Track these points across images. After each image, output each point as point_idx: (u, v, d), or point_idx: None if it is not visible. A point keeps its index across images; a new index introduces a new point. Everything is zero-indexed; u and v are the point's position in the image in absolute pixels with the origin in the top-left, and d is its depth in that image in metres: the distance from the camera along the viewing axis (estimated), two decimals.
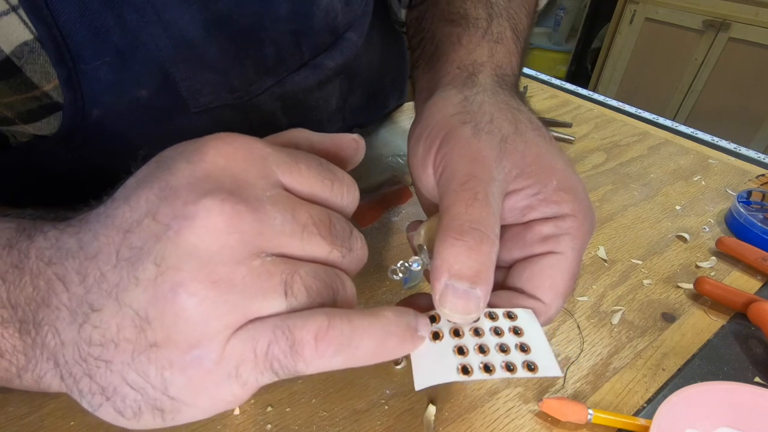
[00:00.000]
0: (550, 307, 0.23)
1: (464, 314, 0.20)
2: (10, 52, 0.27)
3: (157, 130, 0.37)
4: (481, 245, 0.20)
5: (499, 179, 0.22)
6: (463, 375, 0.19)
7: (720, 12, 1.80)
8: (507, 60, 0.31)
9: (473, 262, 0.20)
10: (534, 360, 0.20)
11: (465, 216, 0.20)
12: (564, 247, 0.22)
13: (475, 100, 0.26)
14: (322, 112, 0.47)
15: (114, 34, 0.30)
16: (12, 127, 0.33)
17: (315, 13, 0.37)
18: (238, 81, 0.36)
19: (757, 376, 0.33)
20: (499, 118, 0.24)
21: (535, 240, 0.23)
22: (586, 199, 0.23)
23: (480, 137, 0.23)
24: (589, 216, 0.23)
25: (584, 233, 0.23)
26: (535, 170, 0.23)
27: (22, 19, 0.27)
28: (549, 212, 0.23)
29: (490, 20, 0.32)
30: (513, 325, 0.21)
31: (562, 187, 0.23)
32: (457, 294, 0.20)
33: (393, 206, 0.48)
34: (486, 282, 0.20)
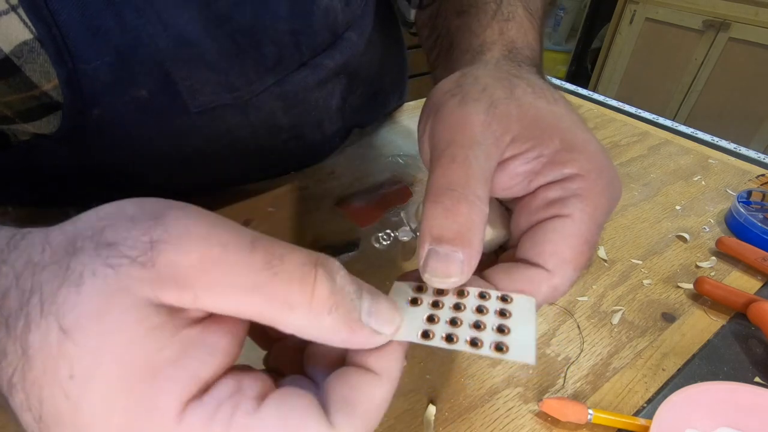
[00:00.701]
0: (554, 274, 0.20)
1: (444, 278, 0.19)
2: (10, 51, 0.27)
3: (157, 130, 0.37)
4: (458, 205, 0.19)
5: (486, 143, 0.21)
6: (423, 339, 0.18)
7: (720, 12, 1.80)
8: (521, 35, 0.29)
9: (451, 223, 0.19)
10: (508, 342, 0.18)
11: (442, 178, 0.20)
12: (571, 209, 0.20)
13: (471, 74, 0.24)
14: (322, 112, 0.47)
15: (114, 34, 0.30)
16: (12, 125, 0.33)
17: (314, 13, 0.37)
18: (238, 80, 0.36)
19: (757, 376, 0.33)
20: (492, 86, 0.23)
21: (541, 206, 0.21)
22: (600, 157, 0.21)
23: (466, 105, 0.22)
24: (605, 175, 0.21)
25: (597, 194, 0.20)
26: (533, 132, 0.21)
27: (22, 19, 0.27)
28: (555, 175, 0.21)
29: (500, 2, 0.31)
30: (503, 307, 0.19)
31: (566, 146, 0.21)
32: (438, 258, 0.19)
33: (393, 206, 0.48)
34: (468, 244, 0.19)
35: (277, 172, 0.52)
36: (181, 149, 0.41)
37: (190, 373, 0.14)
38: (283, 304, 0.15)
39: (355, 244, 0.41)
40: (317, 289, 0.15)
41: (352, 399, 0.16)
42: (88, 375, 0.13)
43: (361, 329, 0.16)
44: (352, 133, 0.61)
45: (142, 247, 0.14)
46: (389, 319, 0.17)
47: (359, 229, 0.45)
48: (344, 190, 0.51)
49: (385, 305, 0.17)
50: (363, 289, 0.17)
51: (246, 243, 0.15)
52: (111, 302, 0.13)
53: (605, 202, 0.21)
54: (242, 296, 0.14)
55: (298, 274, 0.15)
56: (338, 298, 0.15)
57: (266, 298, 0.14)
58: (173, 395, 0.14)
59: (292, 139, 0.48)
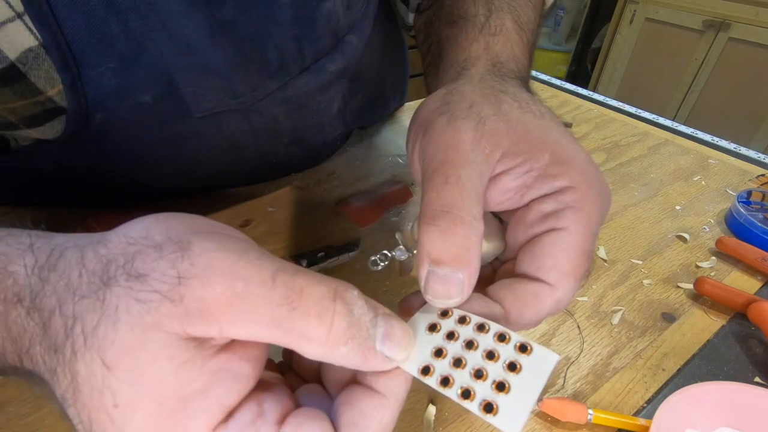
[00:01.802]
0: (556, 288, 0.20)
1: (445, 299, 0.19)
2: (15, 58, 0.28)
3: (160, 135, 0.37)
4: (454, 227, 0.19)
5: (477, 161, 0.21)
6: (422, 375, 0.18)
7: (720, 12, 1.80)
8: (506, 49, 0.30)
9: (449, 245, 0.19)
10: (500, 403, 0.17)
11: (437, 200, 0.20)
12: (567, 222, 0.21)
13: (457, 91, 0.24)
14: (323, 116, 0.47)
15: (118, 41, 0.30)
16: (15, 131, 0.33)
17: (318, 18, 0.37)
18: (242, 86, 0.36)
19: (757, 376, 0.33)
20: (479, 103, 0.23)
21: (536, 219, 0.22)
22: (590, 168, 0.22)
23: (455, 123, 0.22)
24: (596, 186, 0.21)
25: (590, 205, 0.21)
26: (523, 148, 0.21)
27: (27, 26, 0.27)
28: (546, 188, 0.21)
29: (489, 15, 0.32)
30: (517, 358, 0.18)
31: (557, 159, 0.21)
32: (438, 279, 0.19)
33: (393, 206, 0.48)
34: (468, 264, 0.19)
35: (278, 174, 0.52)
36: (183, 153, 0.41)
37: (217, 401, 0.15)
38: (301, 337, 0.15)
39: (355, 244, 0.41)
40: (335, 323, 0.16)
41: (361, 424, 0.17)
42: (129, 405, 0.15)
43: (374, 357, 0.17)
44: (353, 134, 0.61)
45: (171, 282, 0.15)
46: (402, 346, 0.18)
47: (359, 229, 0.45)
48: (344, 190, 0.51)
49: (399, 332, 0.18)
50: (378, 315, 0.17)
51: (267, 277, 0.15)
52: (145, 339, 0.15)
53: (598, 212, 0.21)
54: (263, 329, 0.15)
55: (316, 309, 0.16)
56: (354, 330, 0.16)
57: (285, 332, 0.15)
58: (203, 423, 0.15)
59: (293, 143, 0.48)
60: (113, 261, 0.16)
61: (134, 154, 0.39)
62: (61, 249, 0.17)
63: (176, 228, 0.17)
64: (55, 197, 0.45)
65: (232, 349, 0.16)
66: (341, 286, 0.17)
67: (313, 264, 0.38)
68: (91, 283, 0.15)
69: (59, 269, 0.16)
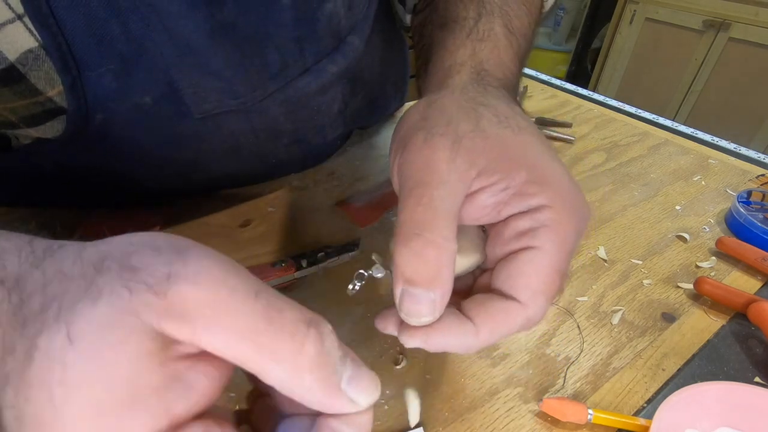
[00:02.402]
0: (527, 306, 0.21)
1: (418, 317, 0.20)
2: (15, 59, 0.28)
3: (160, 135, 0.37)
4: (425, 249, 0.20)
5: (451, 180, 0.21)
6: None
7: (720, 12, 1.80)
8: (493, 56, 0.29)
9: (422, 267, 0.20)
10: None
11: (410, 222, 0.20)
12: (541, 241, 0.21)
13: (437, 104, 0.25)
14: (324, 117, 0.47)
15: (119, 42, 0.30)
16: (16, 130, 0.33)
17: (319, 19, 0.37)
18: (242, 87, 0.36)
19: (757, 376, 0.33)
20: (458, 117, 0.23)
21: (512, 236, 0.22)
22: (567, 187, 0.22)
23: (432, 141, 0.22)
24: (572, 205, 0.22)
25: (565, 224, 0.21)
26: (499, 166, 0.22)
27: (27, 28, 0.27)
28: (522, 206, 0.22)
29: (479, 19, 0.31)
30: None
31: (534, 178, 0.21)
32: (412, 299, 0.20)
33: (393, 206, 0.48)
34: (439, 285, 0.20)
35: (278, 174, 0.52)
36: (183, 154, 0.41)
37: (165, 406, 0.15)
38: (271, 355, 0.15)
39: (355, 244, 0.41)
40: (305, 346, 0.16)
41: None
42: (75, 384, 0.14)
43: (338, 395, 0.16)
44: (353, 134, 0.61)
45: (160, 277, 0.15)
46: (368, 391, 0.17)
47: (359, 229, 0.45)
48: (344, 190, 0.51)
49: (367, 377, 0.17)
50: (348, 356, 0.17)
51: (251, 291, 0.16)
52: (118, 319, 0.14)
53: (573, 231, 0.21)
54: (236, 340, 0.15)
55: (291, 329, 0.16)
56: (323, 359, 0.16)
57: (257, 347, 0.15)
58: (144, 424, 0.14)
59: (293, 143, 0.48)
60: (110, 254, 0.16)
61: (134, 154, 0.39)
62: (62, 243, 0.17)
63: (179, 240, 0.17)
64: (55, 197, 0.45)
65: (196, 362, 0.16)
66: (317, 317, 0.17)
67: (313, 264, 0.38)
68: (83, 269, 0.15)
69: (55, 257, 0.16)
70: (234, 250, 0.41)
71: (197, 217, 0.45)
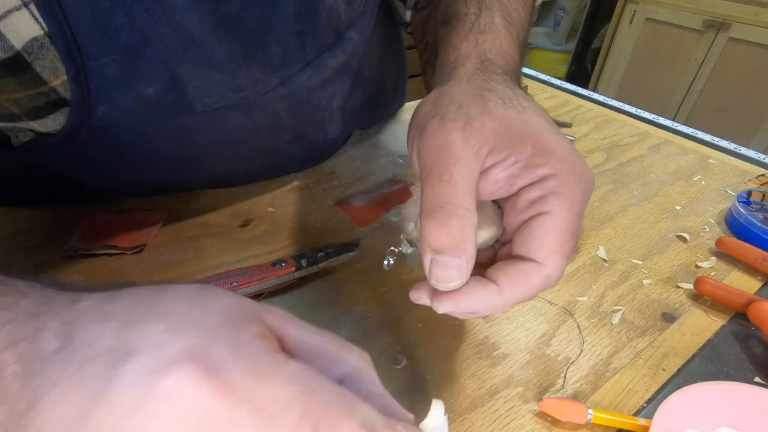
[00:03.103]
0: (544, 265, 0.23)
1: (447, 282, 0.22)
2: (21, 47, 0.28)
3: (161, 128, 0.37)
4: (449, 220, 0.22)
5: (467, 158, 0.23)
6: None
7: (720, 12, 1.80)
8: (495, 45, 0.31)
9: (446, 236, 0.22)
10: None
11: (433, 197, 0.22)
12: (551, 206, 0.23)
13: (447, 93, 0.27)
14: (324, 113, 0.47)
15: (123, 33, 0.30)
16: (17, 123, 0.33)
17: (320, 13, 0.37)
18: (244, 81, 0.37)
19: (757, 376, 0.33)
20: (467, 103, 0.25)
21: (525, 206, 0.24)
22: (569, 156, 0.24)
23: (445, 125, 0.24)
24: (576, 170, 0.24)
25: (571, 189, 0.23)
26: (507, 142, 0.24)
27: (33, 15, 0.27)
28: (531, 177, 0.24)
29: (479, 14, 0.33)
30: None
31: (539, 150, 0.23)
32: (440, 266, 0.22)
33: (393, 206, 0.48)
34: (464, 251, 0.22)
35: (278, 172, 0.52)
36: (184, 148, 0.41)
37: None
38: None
39: (355, 244, 0.41)
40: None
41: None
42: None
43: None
44: (353, 134, 0.61)
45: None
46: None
47: (359, 229, 0.45)
48: (344, 190, 0.51)
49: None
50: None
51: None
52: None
53: (580, 194, 0.23)
54: None
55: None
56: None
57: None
58: None
59: (294, 140, 0.48)
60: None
61: (135, 149, 0.39)
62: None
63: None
64: (54, 195, 0.45)
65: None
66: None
67: (313, 264, 0.38)
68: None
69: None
70: (234, 250, 0.41)
71: (197, 217, 0.45)
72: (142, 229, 0.43)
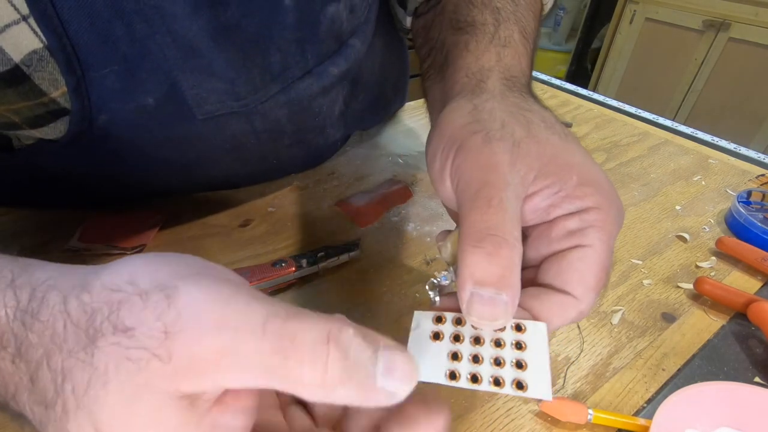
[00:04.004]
0: (581, 301, 0.22)
1: (492, 320, 0.20)
2: (20, 60, 0.28)
3: (162, 136, 0.37)
4: (500, 250, 0.20)
5: (514, 183, 0.22)
6: (450, 380, 0.19)
7: (720, 12, 1.80)
8: (516, 62, 0.30)
9: (495, 267, 0.20)
10: (526, 379, 0.19)
11: (481, 223, 0.20)
12: (591, 240, 0.22)
13: (485, 107, 0.25)
14: (325, 118, 0.47)
15: (122, 43, 0.30)
16: (18, 131, 0.33)
17: (321, 22, 0.37)
18: (244, 89, 0.37)
19: (757, 376, 0.33)
20: (510, 122, 0.24)
21: (561, 235, 0.23)
22: (610, 190, 0.23)
23: (491, 144, 0.23)
24: (615, 206, 0.23)
25: (611, 224, 0.22)
26: (552, 169, 0.23)
27: (32, 29, 0.27)
28: (572, 208, 0.23)
29: (498, 25, 0.32)
30: (518, 338, 0.20)
31: (583, 181, 0.23)
32: (483, 301, 0.20)
33: (393, 206, 0.48)
34: (511, 286, 0.20)
35: (278, 175, 0.52)
36: (184, 154, 0.41)
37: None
38: (296, 382, 0.15)
39: (355, 244, 0.41)
40: (329, 368, 0.15)
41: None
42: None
43: (376, 394, 0.16)
44: (353, 134, 0.61)
45: (159, 337, 0.15)
46: (405, 379, 0.17)
47: (359, 229, 0.45)
48: (344, 190, 0.51)
49: (401, 364, 0.17)
50: (379, 348, 0.17)
51: (257, 326, 0.15)
52: (136, 401, 0.14)
53: (616, 231, 0.23)
54: (256, 378, 0.15)
55: (309, 356, 0.15)
56: (351, 372, 0.16)
57: (279, 379, 0.15)
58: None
59: (294, 144, 0.48)
60: (98, 312, 0.15)
61: (136, 155, 0.39)
62: (43, 291, 0.16)
63: (163, 271, 0.16)
64: (55, 197, 0.45)
65: (225, 402, 0.16)
66: (335, 326, 0.16)
67: (313, 264, 0.38)
68: (78, 338, 0.15)
69: (42, 317, 0.16)
70: (234, 250, 0.42)
71: (197, 217, 0.45)
72: (142, 229, 0.43)
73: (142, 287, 0.16)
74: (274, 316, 0.16)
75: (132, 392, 0.14)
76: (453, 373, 0.20)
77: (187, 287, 0.16)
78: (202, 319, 0.15)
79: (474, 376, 0.19)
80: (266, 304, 0.16)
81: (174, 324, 0.15)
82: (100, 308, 0.15)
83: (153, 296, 0.15)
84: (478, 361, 0.20)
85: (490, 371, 0.20)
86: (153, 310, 0.15)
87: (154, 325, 0.15)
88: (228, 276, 0.18)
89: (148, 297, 0.15)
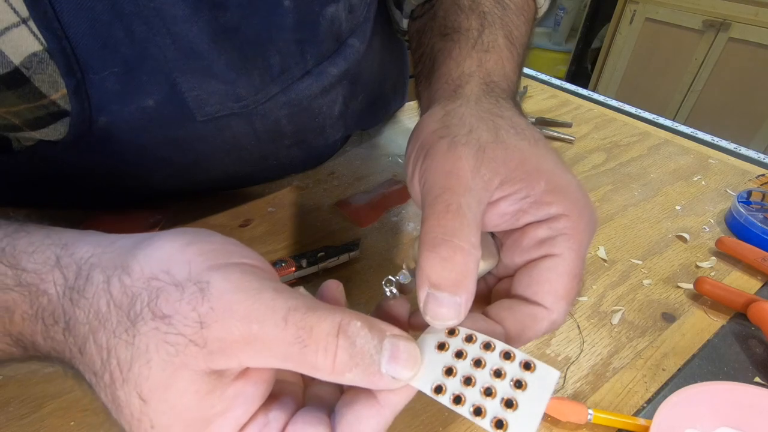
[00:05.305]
0: (552, 311, 0.22)
1: (443, 320, 0.21)
2: (20, 63, 0.28)
3: (162, 138, 0.37)
4: (454, 256, 0.20)
5: (477, 188, 0.22)
6: (435, 393, 0.19)
7: (720, 12, 1.80)
8: (498, 67, 0.30)
9: (449, 272, 0.20)
10: (510, 421, 0.18)
11: (438, 228, 0.21)
12: (561, 249, 0.22)
13: (456, 113, 0.25)
14: (325, 118, 0.47)
15: (122, 46, 0.30)
16: (19, 133, 0.33)
17: (320, 23, 0.37)
18: (244, 90, 0.36)
19: (757, 376, 0.33)
20: (478, 128, 0.24)
21: (531, 245, 0.23)
22: (580, 197, 0.23)
23: (456, 149, 0.23)
24: (586, 214, 0.23)
25: (581, 232, 0.22)
26: (520, 175, 0.22)
27: (32, 31, 0.27)
28: (541, 215, 0.22)
29: (482, 30, 0.32)
30: (522, 376, 0.19)
31: (552, 187, 0.22)
32: (437, 302, 0.20)
33: (393, 206, 0.48)
34: (465, 290, 0.20)
35: (278, 175, 0.52)
36: (185, 155, 0.41)
37: (234, 420, 0.18)
38: (310, 367, 0.18)
39: (355, 244, 0.41)
40: (338, 356, 0.18)
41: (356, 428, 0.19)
42: (164, 427, 0.18)
43: (380, 379, 0.18)
44: (353, 134, 0.61)
45: (194, 326, 0.17)
46: (408, 366, 0.19)
47: (359, 229, 0.45)
48: (344, 190, 0.51)
49: (405, 353, 0.19)
50: (385, 338, 0.19)
51: (280, 319, 0.17)
52: (175, 377, 0.17)
53: (587, 238, 0.23)
54: (276, 362, 0.18)
55: (323, 345, 0.18)
56: (357, 359, 0.18)
57: (296, 364, 0.18)
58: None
59: (294, 145, 0.48)
60: (138, 297, 0.18)
61: (136, 156, 0.39)
62: (87, 269, 0.19)
63: (196, 262, 0.18)
64: (56, 198, 0.45)
65: (247, 375, 0.19)
66: (345, 319, 0.18)
67: (313, 264, 0.38)
68: (120, 319, 0.18)
69: (87, 295, 0.18)
70: None
71: (197, 217, 0.45)
72: (142, 229, 0.43)
73: (177, 278, 0.18)
74: (294, 311, 0.18)
75: (171, 369, 0.17)
76: (439, 387, 0.19)
77: (218, 283, 0.18)
78: (233, 311, 0.17)
79: (458, 397, 0.19)
80: (288, 298, 0.18)
81: (207, 315, 0.17)
82: (140, 294, 0.18)
83: (188, 289, 0.18)
84: (469, 384, 0.19)
85: (475, 398, 0.19)
86: (188, 302, 0.17)
87: (190, 315, 0.17)
88: (254, 261, 0.20)
89: (184, 289, 0.18)
